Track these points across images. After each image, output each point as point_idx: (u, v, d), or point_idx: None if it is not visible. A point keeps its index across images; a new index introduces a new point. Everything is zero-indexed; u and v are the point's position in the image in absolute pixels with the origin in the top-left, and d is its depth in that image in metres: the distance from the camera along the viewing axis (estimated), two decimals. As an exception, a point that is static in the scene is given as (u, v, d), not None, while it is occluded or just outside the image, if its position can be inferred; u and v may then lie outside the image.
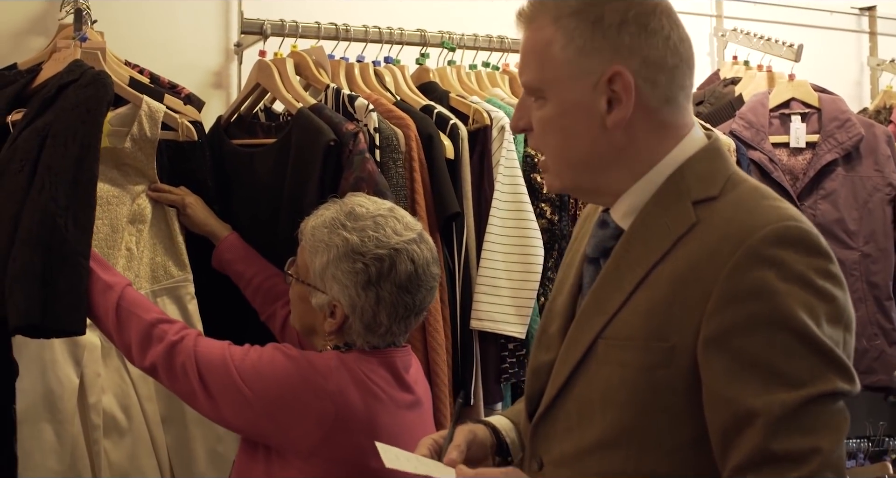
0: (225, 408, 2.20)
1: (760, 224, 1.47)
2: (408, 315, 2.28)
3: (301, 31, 3.18)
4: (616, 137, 1.60)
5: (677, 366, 1.50)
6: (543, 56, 1.62)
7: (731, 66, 4.14)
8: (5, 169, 2.42)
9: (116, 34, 3.09)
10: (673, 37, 1.58)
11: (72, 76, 2.51)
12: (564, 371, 1.64)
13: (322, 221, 2.28)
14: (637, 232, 1.62)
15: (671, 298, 1.51)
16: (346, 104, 2.91)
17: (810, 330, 1.41)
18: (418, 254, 2.26)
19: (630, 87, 1.56)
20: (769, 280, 1.43)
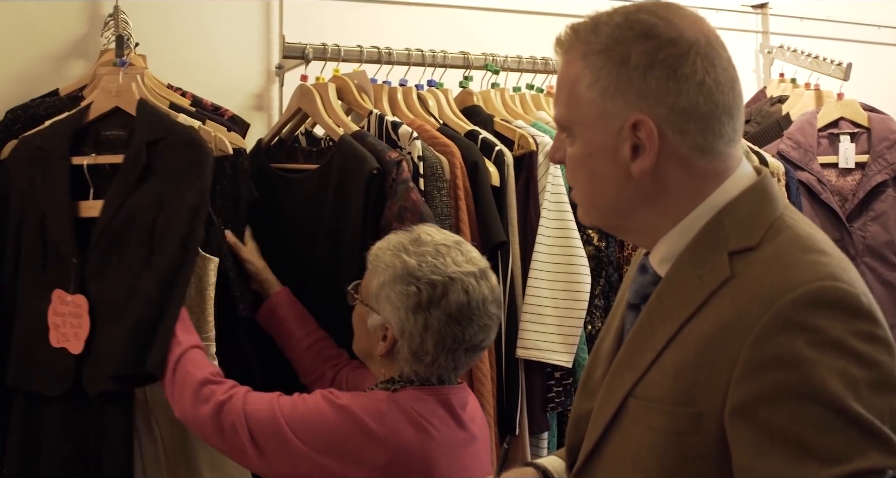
0: (278, 463, 2.20)
1: (793, 284, 1.36)
2: (456, 348, 2.25)
3: (343, 55, 3.15)
4: (643, 185, 1.52)
5: (706, 433, 1.40)
6: (571, 93, 1.55)
7: (778, 84, 4.09)
8: (128, 243, 2.50)
9: (159, 57, 3.07)
10: (708, 82, 1.47)
11: (157, 133, 2.56)
12: (599, 426, 1.57)
13: (388, 245, 2.31)
14: (671, 283, 1.53)
15: (699, 360, 1.42)
16: (389, 131, 2.87)
17: (845, 402, 1.29)
18: (474, 287, 2.25)
19: (653, 136, 1.48)
20: (798, 347, 1.31)
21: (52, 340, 2.50)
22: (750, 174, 1.55)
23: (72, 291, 2.50)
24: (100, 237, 2.52)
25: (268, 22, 3.38)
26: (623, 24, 1.50)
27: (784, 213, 1.50)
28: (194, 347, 2.41)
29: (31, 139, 2.67)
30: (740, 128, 1.55)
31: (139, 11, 3.09)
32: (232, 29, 3.35)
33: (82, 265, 2.52)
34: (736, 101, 1.52)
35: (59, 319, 2.50)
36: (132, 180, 2.53)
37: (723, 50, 1.52)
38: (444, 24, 3.64)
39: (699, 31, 1.49)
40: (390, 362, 2.29)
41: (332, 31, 3.31)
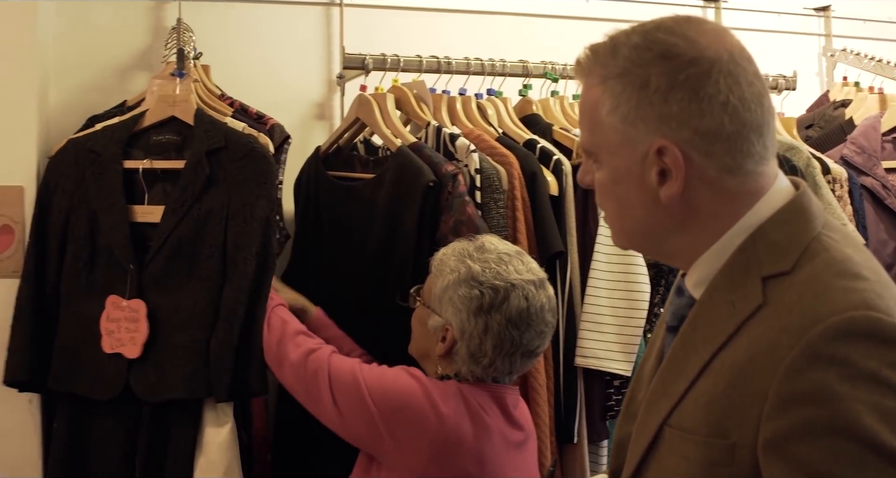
0: (348, 416, 2.33)
1: (824, 314, 1.28)
2: (513, 352, 2.33)
3: (402, 65, 3.18)
4: (673, 209, 1.45)
5: (740, 464, 1.33)
6: (593, 119, 1.49)
7: (842, 88, 4.03)
8: (196, 253, 2.56)
9: (221, 67, 3.17)
10: (732, 100, 1.40)
11: (217, 142, 2.62)
12: (637, 453, 1.51)
13: (452, 251, 2.40)
14: (704, 308, 1.47)
15: (731, 391, 1.35)
16: (447, 143, 2.90)
17: (881, 437, 1.21)
18: (533, 294, 2.33)
19: (679, 162, 1.42)
20: (829, 382, 1.24)
21: (105, 346, 2.55)
22: (786, 190, 1.48)
23: (128, 296, 2.55)
24: (162, 245, 2.56)
25: (328, 33, 3.43)
26: (641, 44, 1.44)
27: (822, 233, 1.42)
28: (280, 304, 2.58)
29: (81, 141, 2.73)
30: (772, 145, 1.47)
31: (203, 23, 3.17)
32: (293, 40, 3.41)
33: (140, 272, 2.56)
34: (765, 116, 1.44)
35: (114, 324, 2.55)
36: (196, 190, 2.58)
37: (748, 64, 1.44)
38: (504, 33, 3.66)
39: (721, 47, 1.42)
40: (447, 363, 2.38)
41: (391, 40, 3.35)
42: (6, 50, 2.74)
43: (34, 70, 2.77)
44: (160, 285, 2.56)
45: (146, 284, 2.57)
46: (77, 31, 3.14)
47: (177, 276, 2.56)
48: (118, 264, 2.58)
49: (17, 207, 2.71)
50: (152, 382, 2.53)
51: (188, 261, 2.56)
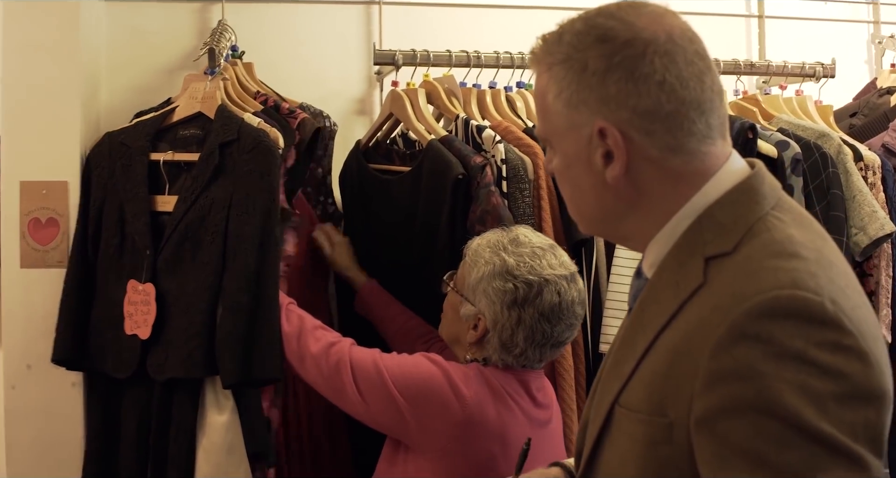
0: (373, 405, 2.40)
1: (751, 293, 1.30)
2: (544, 343, 2.41)
3: (433, 60, 3.25)
4: (621, 191, 1.48)
5: (678, 444, 1.36)
6: (543, 106, 1.53)
7: (889, 75, 3.99)
8: (199, 239, 2.66)
9: (266, 66, 3.28)
10: (669, 79, 1.42)
11: (230, 135, 2.71)
12: (593, 433, 1.54)
13: (487, 242, 2.47)
14: (652, 290, 1.49)
15: (668, 370, 1.37)
16: (474, 135, 2.97)
17: (804, 416, 1.22)
18: (566, 289, 2.40)
19: (619, 142, 1.45)
20: (753, 360, 1.25)
21: (126, 328, 2.69)
22: (739, 171, 1.49)
23: (143, 280, 2.68)
24: (173, 232, 2.69)
25: (368, 30, 3.52)
26: (582, 30, 1.47)
27: (769, 213, 1.43)
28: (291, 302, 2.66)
29: (115, 135, 2.87)
30: (717, 123, 1.48)
31: (247, 24, 3.32)
32: (334, 38, 3.52)
33: (155, 257, 2.69)
34: (705, 94, 1.46)
35: (133, 307, 2.68)
36: (204, 179, 2.69)
37: (688, 43, 1.46)
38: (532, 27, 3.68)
39: (659, 28, 1.45)
40: (478, 349, 2.46)
41: (428, 37, 3.41)
42: (50, 51, 2.86)
43: (78, 70, 2.89)
44: (170, 270, 2.68)
45: (159, 268, 2.69)
46: (127, 34, 3.28)
47: (183, 261, 2.68)
48: (139, 250, 2.71)
49: (63, 200, 2.84)
50: (160, 361, 2.66)
51: (193, 247, 2.67)
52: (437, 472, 2.34)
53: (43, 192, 2.84)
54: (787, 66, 3.64)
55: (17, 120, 2.87)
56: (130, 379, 2.71)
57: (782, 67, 3.62)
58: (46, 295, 2.82)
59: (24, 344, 2.83)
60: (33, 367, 2.82)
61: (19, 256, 2.84)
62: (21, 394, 2.83)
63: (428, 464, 2.37)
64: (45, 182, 2.85)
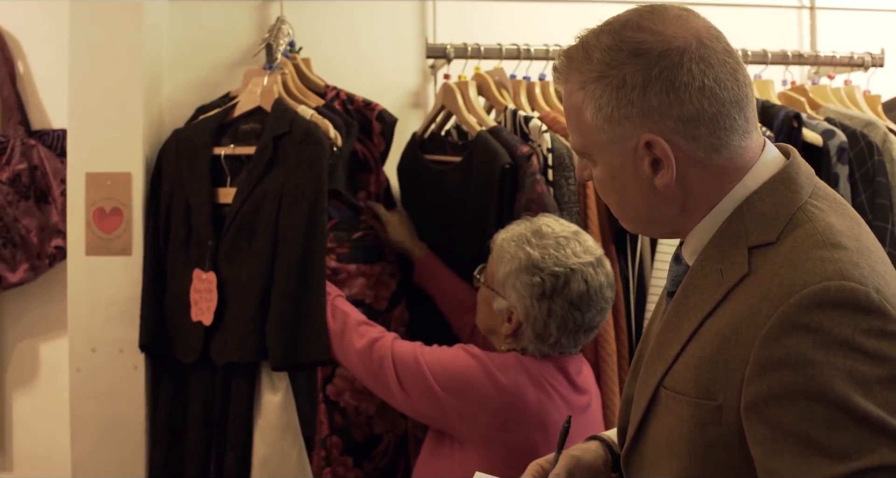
0: (415, 398, 2.48)
1: (800, 285, 1.36)
2: (577, 330, 2.47)
3: (483, 53, 3.32)
4: (671, 194, 1.54)
5: (728, 424, 1.42)
6: (579, 122, 1.56)
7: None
8: (254, 229, 2.78)
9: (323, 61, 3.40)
10: (708, 83, 1.47)
11: (283, 128, 2.83)
12: (639, 412, 1.60)
13: (511, 235, 2.51)
14: (695, 277, 1.54)
15: (716, 355, 1.43)
16: (521, 125, 3.04)
17: (852, 400, 1.29)
18: (592, 276, 2.44)
19: (667, 151, 1.49)
20: (804, 349, 1.32)
21: (192, 315, 2.82)
22: (774, 162, 1.55)
23: (206, 269, 2.81)
24: (231, 223, 2.81)
25: (422, 24, 3.60)
26: (612, 46, 1.50)
27: (808, 202, 1.49)
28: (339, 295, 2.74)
29: (182, 132, 3.01)
30: (753, 116, 1.54)
31: (305, 20, 3.42)
32: (390, 32, 3.59)
33: (216, 247, 2.82)
34: (742, 90, 1.51)
35: (198, 295, 2.81)
36: (259, 172, 2.81)
37: (716, 43, 1.51)
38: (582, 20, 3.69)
39: (689, 34, 1.49)
40: (514, 340, 2.51)
41: (482, 30, 3.49)
42: (115, 48, 2.99)
43: (141, 66, 3.01)
44: (228, 259, 2.81)
45: (220, 257, 2.82)
46: (189, 31, 3.39)
47: (240, 250, 2.80)
48: (203, 241, 2.84)
49: (126, 191, 2.96)
50: (221, 347, 2.79)
51: (248, 237, 2.79)
52: (481, 460, 2.38)
53: (107, 182, 2.96)
54: (835, 57, 3.66)
55: (82, 114, 2.99)
56: (196, 364, 2.84)
57: (831, 58, 3.64)
58: (110, 282, 2.97)
59: (88, 329, 2.96)
60: (97, 350, 2.95)
61: (84, 245, 2.97)
62: (86, 377, 2.95)
63: (472, 453, 2.43)
64: (109, 173, 2.97)
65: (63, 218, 3.16)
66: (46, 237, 3.26)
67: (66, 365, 2.98)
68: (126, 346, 2.93)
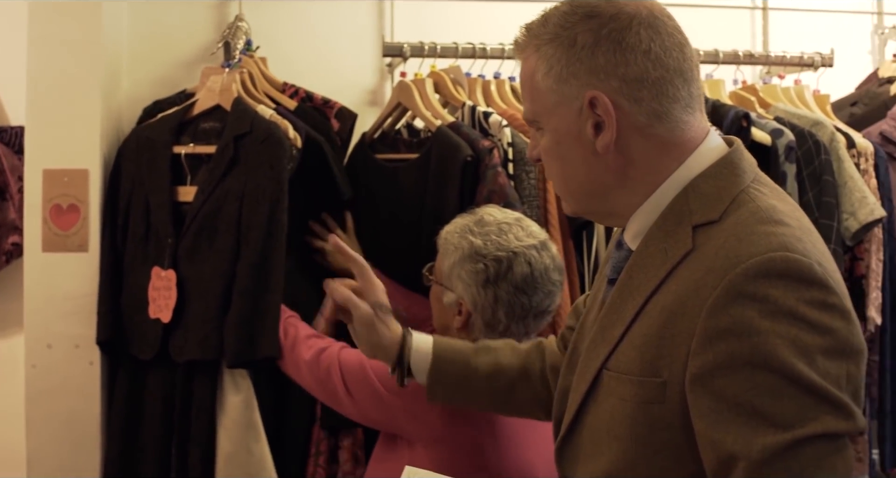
0: (364, 403, 2.46)
1: (745, 256, 1.39)
2: (525, 315, 2.44)
3: (440, 52, 3.35)
4: (611, 161, 1.56)
5: (671, 402, 1.44)
6: (531, 86, 1.60)
7: (890, 65, 4.04)
8: (215, 228, 2.81)
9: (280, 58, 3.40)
10: (654, 48, 1.52)
11: (244, 128, 2.85)
12: (577, 399, 1.62)
13: (455, 228, 2.49)
14: (639, 257, 1.57)
15: (662, 331, 1.46)
16: (481, 120, 3.07)
17: (796, 368, 1.32)
18: (536, 259, 2.42)
19: (609, 110, 1.52)
20: (749, 318, 1.35)
21: (150, 312, 2.84)
22: (718, 147, 1.58)
23: (165, 267, 2.83)
24: (192, 221, 2.83)
25: (380, 22, 3.63)
26: (568, 11, 1.56)
27: (750, 186, 1.53)
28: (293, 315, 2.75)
29: (142, 130, 3.03)
30: (698, 94, 1.58)
31: (263, 18, 3.43)
32: (348, 31, 3.62)
33: (176, 245, 2.84)
34: (687, 63, 1.55)
35: (156, 292, 2.83)
36: (220, 171, 2.83)
37: (668, 19, 1.56)
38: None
39: (640, 6, 1.55)
40: (467, 334, 2.48)
41: (438, 29, 3.53)
42: (73, 46, 3.00)
43: (99, 63, 3.02)
44: (189, 257, 2.84)
45: (181, 256, 2.85)
46: (148, 29, 3.40)
47: (201, 249, 2.83)
48: (162, 239, 2.86)
49: (83, 188, 2.97)
50: (181, 344, 2.81)
51: (210, 236, 2.82)
52: (431, 460, 2.36)
53: (65, 179, 2.97)
54: (786, 57, 3.72)
55: (40, 111, 3.00)
56: (154, 361, 2.86)
57: (781, 58, 3.71)
58: (67, 278, 2.98)
59: (44, 325, 2.97)
60: (53, 346, 2.96)
61: (41, 241, 2.97)
62: (41, 372, 2.96)
63: (422, 452, 2.41)
64: (66, 170, 2.98)
65: (20, 215, 3.17)
66: (3, 234, 3.28)
67: (22, 362, 2.99)
68: (82, 342, 2.95)
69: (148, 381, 2.88)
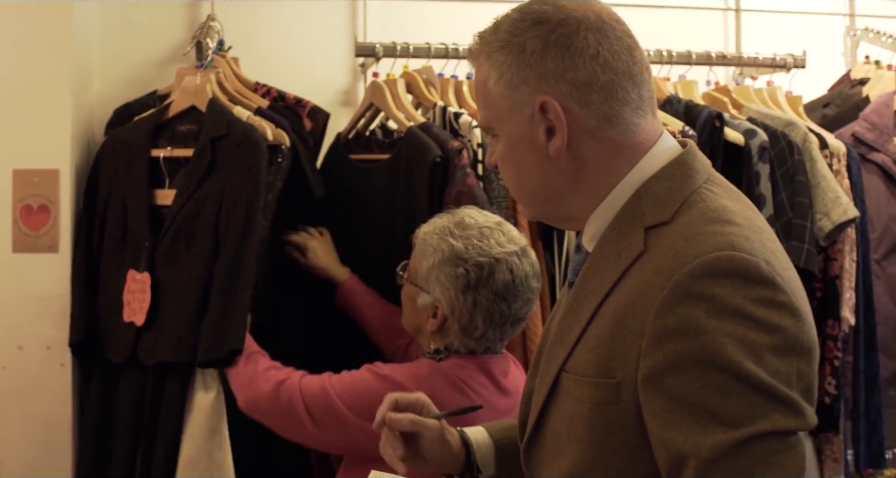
0: (331, 430, 2.42)
1: (692, 255, 1.39)
2: (503, 323, 2.41)
3: (413, 52, 3.35)
4: (564, 165, 1.56)
5: (625, 403, 1.44)
6: (484, 94, 1.61)
7: (862, 67, 4.08)
8: (193, 232, 2.80)
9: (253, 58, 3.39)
10: (602, 52, 1.52)
11: (220, 130, 2.85)
12: (539, 401, 1.61)
13: (433, 229, 2.45)
14: (594, 260, 1.56)
15: (614, 333, 1.45)
16: (451, 121, 3.07)
17: (744, 367, 1.33)
18: (517, 266, 2.39)
19: (559, 113, 1.52)
20: (696, 317, 1.35)
21: (125, 315, 2.82)
22: (671, 149, 1.58)
23: (141, 269, 2.82)
24: (170, 224, 2.82)
25: (353, 22, 3.63)
26: (517, 18, 1.56)
27: (702, 186, 1.53)
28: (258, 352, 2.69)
29: (118, 133, 3.01)
30: (649, 96, 1.58)
31: (236, 18, 3.42)
32: (321, 31, 3.62)
33: (153, 248, 2.83)
34: (636, 66, 1.55)
35: (131, 295, 2.82)
36: (199, 174, 2.83)
37: (616, 23, 1.56)
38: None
39: (588, 10, 1.55)
40: (440, 337, 2.46)
41: (412, 29, 3.53)
42: (43, 45, 2.99)
43: (70, 63, 3.01)
44: (167, 260, 2.83)
45: (158, 259, 2.84)
46: (120, 29, 3.40)
47: (179, 252, 2.82)
48: (139, 242, 2.85)
49: (54, 188, 2.96)
50: (151, 346, 2.80)
51: (188, 239, 2.82)
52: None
53: (35, 179, 2.95)
54: (758, 58, 3.74)
55: (10, 111, 2.98)
56: (126, 363, 2.84)
57: (754, 59, 3.73)
58: (37, 279, 2.96)
59: (15, 326, 2.95)
60: (24, 348, 2.95)
61: (11, 242, 2.96)
62: (12, 374, 2.95)
63: None
64: (36, 170, 2.97)
65: (-10, 216, 3.14)
66: (-27, 235, 3.25)
67: (-8, 364, 2.97)
68: (53, 343, 2.93)
69: (120, 383, 2.86)
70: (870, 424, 3.50)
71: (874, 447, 3.52)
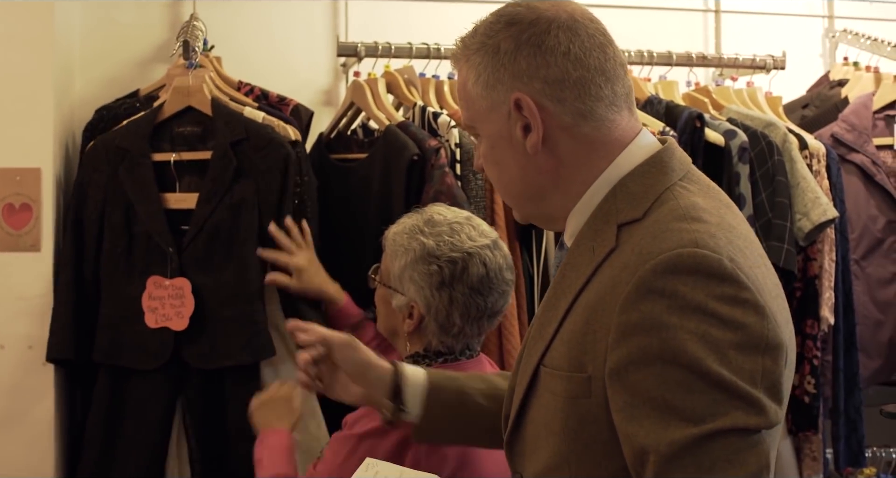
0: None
1: (656, 252, 1.41)
2: (480, 317, 2.37)
3: (394, 52, 3.36)
4: (542, 162, 1.59)
5: (596, 397, 1.46)
6: (465, 95, 1.64)
7: (841, 68, 4.11)
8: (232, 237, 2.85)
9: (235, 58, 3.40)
10: (574, 49, 1.55)
11: (239, 134, 2.87)
12: (520, 395, 1.64)
13: (403, 228, 2.41)
14: (571, 256, 1.59)
15: (585, 328, 1.48)
16: (430, 121, 3.08)
17: (705, 364, 1.34)
18: (491, 259, 2.36)
19: (533, 109, 1.55)
20: (658, 313, 1.37)
21: (149, 322, 2.82)
22: (649, 146, 1.60)
23: (170, 276, 2.82)
24: (200, 230, 2.84)
25: (335, 22, 3.64)
26: (493, 20, 1.60)
27: (677, 184, 1.55)
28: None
29: (109, 138, 2.97)
30: (623, 93, 1.60)
31: (218, 18, 3.42)
32: (303, 30, 3.63)
33: (179, 254, 2.84)
34: (608, 63, 1.57)
35: (157, 302, 2.82)
36: (226, 180, 2.85)
37: (589, 22, 1.59)
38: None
39: (560, 10, 1.58)
40: (417, 338, 2.41)
41: (394, 29, 3.54)
42: (24, 46, 2.98)
43: (52, 62, 3.01)
44: (201, 266, 2.84)
45: (186, 264, 2.84)
46: (101, 28, 3.40)
47: (216, 257, 2.85)
48: (157, 248, 2.85)
49: (36, 187, 2.95)
50: (205, 351, 2.83)
51: (226, 244, 2.85)
52: None
53: (17, 178, 2.95)
54: (738, 59, 3.76)
55: (-9, 109, 2.97)
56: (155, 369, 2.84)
57: (734, 60, 3.75)
58: (19, 278, 2.95)
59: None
60: (6, 347, 2.94)
61: (-7, 241, 2.95)
62: (-6, 373, 2.93)
63: None
64: (18, 169, 2.96)
65: (-28, 215, 3.14)
66: (-45, 234, 3.25)
67: (-27, 363, 2.96)
68: (35, 342, 2.92)
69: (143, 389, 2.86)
70: (849, 422, 3.53)
71: (854, 446, 3.55)
